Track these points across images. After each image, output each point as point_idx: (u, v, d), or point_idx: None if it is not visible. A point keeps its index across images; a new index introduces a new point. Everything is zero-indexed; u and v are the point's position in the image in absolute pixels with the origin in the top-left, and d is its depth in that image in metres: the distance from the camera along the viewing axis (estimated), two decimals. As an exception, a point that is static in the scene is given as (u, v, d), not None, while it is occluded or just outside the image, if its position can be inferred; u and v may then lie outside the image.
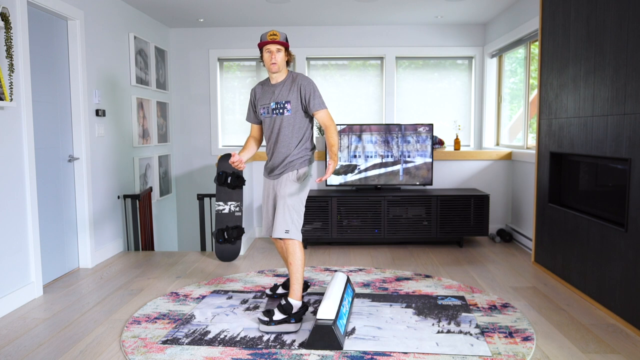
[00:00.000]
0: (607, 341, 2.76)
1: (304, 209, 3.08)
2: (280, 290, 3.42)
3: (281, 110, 3.03)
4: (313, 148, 3.13)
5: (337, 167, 5.02)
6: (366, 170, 5.04)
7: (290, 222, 2.96)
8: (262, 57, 3.04)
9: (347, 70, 6.23)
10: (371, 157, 5.04)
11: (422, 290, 3.60)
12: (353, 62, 6.23)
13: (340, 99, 6.22)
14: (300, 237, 3.01)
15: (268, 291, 3.45)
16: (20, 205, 3.43)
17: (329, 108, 2.95)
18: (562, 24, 3.77)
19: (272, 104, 3.05)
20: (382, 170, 5.04)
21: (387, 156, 5.03)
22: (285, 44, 3.00)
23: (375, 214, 4.84)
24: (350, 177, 5.06)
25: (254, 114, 3.22)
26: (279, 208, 3.00)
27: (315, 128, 5.79)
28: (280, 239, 3.00)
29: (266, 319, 2.87)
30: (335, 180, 5.08)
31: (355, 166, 5.04)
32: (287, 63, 3.08)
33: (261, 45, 2.99)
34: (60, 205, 4.04)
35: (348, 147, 5.02)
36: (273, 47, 2.97)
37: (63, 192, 4.08)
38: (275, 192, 3.10)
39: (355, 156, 5.04)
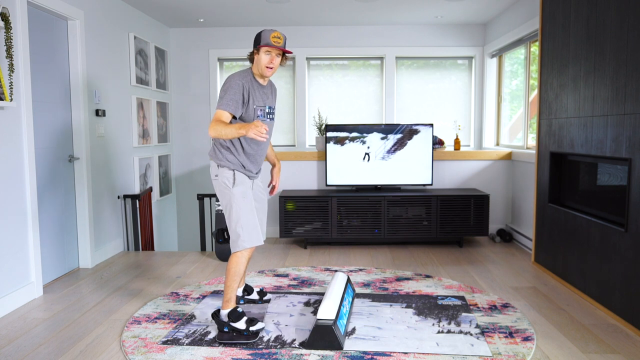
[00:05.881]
0: (607, 341, 2.76)
1: None
2: (254, 296, 3.36)
3: (272, 116, 3.02)
4: None
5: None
6: (367, 168, 5.04)
7: None
8: (253, 54, 2.88)
9: (347, 70, 6.23)
10: (371, 156, 5.03)
11: (422, 290, 3.60)
12: (353, 62, 6.23)
13: (341, 99, 6.22)
14: None
15: (255, 296, 3.38)
16: (20, 205, 3.42)
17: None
18: (562, 24, 3.77)
19: (266, 107, 2.97)
20: (382, 170, 5.04)
21: (387, 156, 5.03)
22: (286, 51, 2.86)
23: (375, 214, 4.84)
24: (350, 178, 5.05)
25: (241, 107, 2.83)
26: (265, 212, 3.16)
27: (316, 128, 5.79)
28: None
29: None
30: (335, 180, 5.07)
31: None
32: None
33: (262, 46, 2.79)
34: (60, 205, 4.04)
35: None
36: (274, 52, 2.81)
37: (63, 192, 4.08)
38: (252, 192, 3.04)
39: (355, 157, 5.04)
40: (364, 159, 5.04)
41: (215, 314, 2.85)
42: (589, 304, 3.34)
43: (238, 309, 2.82)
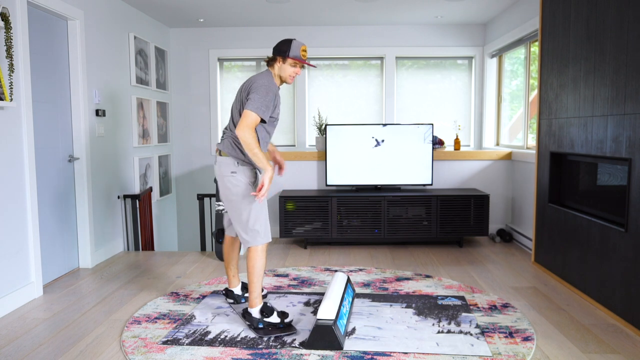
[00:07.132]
0: (607, 341, 2.76)
1: None
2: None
3: None
4: None
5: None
6: (366, 169, 5.05)
7: None
8: (276, 60, 2.92)
9: (347, 70, 6.23)
10: (371, 156, 5.04)
11: (422, 290, 3.60)
12: (354, 62, 6.23)
13: (341, 100, 6.22)
14: None
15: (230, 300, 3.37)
16: (20, 205, 3.42)
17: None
18: (562, 24, 3.77)
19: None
20: (382, 170, 5.04)
21: (387, 156, 5.03)
22: (311, 65, 3.00)
23: (375, 214, 4.84)
24: (350, 178, 5.05)
25: (269, 113, 2.90)
26: None
27: (316, 128, 5.79)
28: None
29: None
30: (335, 180, 5.07)
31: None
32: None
33: (297, 61, 2.88)
34: (60, 205, 4.04)
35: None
36: (299, 64, 2.92)
37: (63, 192, 4.08)
38: None
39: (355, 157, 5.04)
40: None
41: (246, 313, 2.90)
42: (589, 304, 3.34)
43: (268, 304, 2.88)
